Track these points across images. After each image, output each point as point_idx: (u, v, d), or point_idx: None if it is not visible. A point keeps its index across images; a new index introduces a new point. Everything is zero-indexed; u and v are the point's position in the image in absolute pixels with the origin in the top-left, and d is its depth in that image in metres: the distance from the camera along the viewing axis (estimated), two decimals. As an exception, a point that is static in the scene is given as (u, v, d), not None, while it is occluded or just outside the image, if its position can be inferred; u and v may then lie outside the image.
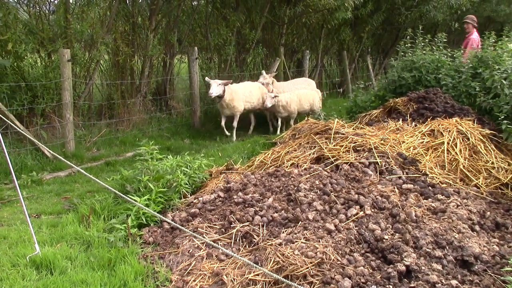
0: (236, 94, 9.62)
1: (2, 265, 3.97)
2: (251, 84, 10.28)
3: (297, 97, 10.21)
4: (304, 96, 10.35)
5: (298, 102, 10.16)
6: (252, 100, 9.97)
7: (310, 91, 10.66)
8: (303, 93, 10.43)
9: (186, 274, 3.85)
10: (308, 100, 10.38)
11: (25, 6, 9.37)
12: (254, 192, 4.89)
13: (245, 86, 10.02)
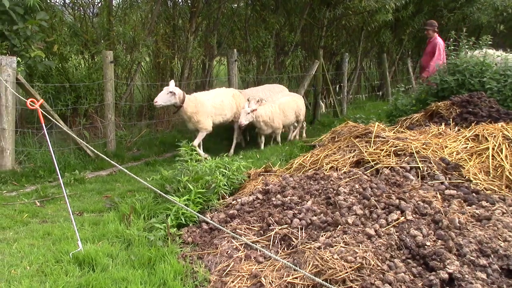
0: (201, 105, 8.01)
1: (47, 260, 4.08)
2: (224, 92, 8.74)
3: (280, 108, 8.78)
4: (287, 105, 8.97)
5: (282, 114, 8.76)
6: (224, 112, 8.43)
7: (293, 97, 9.40)
8: (285, 101, 9.01)
9: (225, 275, 3.86)
10: (292, 109, 9.05)
11: (70, 9, 9.65)
12: (293, 195, 4.86)
13: (215, 95, 8.42)
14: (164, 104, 7.64)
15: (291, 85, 13.53)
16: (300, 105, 9.35)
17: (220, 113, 8.33)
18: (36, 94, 7.24)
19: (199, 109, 7.90)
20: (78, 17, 9.68)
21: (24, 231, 4.91)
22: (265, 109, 8.36)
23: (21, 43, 7.22)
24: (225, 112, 8.40)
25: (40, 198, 6.12)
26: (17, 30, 7.08)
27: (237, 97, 8.78)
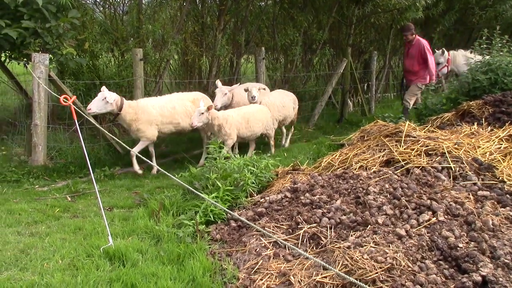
0: (143, 113, 7.12)
1: (78, 254, 4.14)
2: (181, 97, 7.74)
3: (243, 117, 7.54)
4: (253, 115, 7.74)
5: (244, 123, 7.52)
6: (177, 120, 7.49)
7: (262, 108, 8.07)
8: (254, 111, 7.83)
9: (253, 272, 3.86)
10: (260, 120, 7.84)
11: (101, 7, 9.78)
12: (322, 194, 4.84)
13: (167, 101, 7.48)
14: (99, 111, 6.87)
15: (318, 83, 13.48)
16: (268, 117, 8.11)
17: (171, 122, 7.38)
18: (67, 90, 7.36)
19: (139, 117, 7.03)
20: (109, 15, 9.81)
21: (56, 226, 5.00)
22: (226, 114, 7.31)
23: (54, 40, 7.34)
24: (177, 121, 7.44)
25: (71, 193, 6.22)
26: (50, 27, 7.20)
27: (199, 102, 7.53)
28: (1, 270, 3.94)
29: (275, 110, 8.34)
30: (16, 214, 5.35)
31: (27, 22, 6.94)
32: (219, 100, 7.87)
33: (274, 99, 8.52)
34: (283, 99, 8.77)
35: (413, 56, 10.13)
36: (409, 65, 10.30)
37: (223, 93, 7.98)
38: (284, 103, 8.70)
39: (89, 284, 3.60)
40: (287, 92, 9.29)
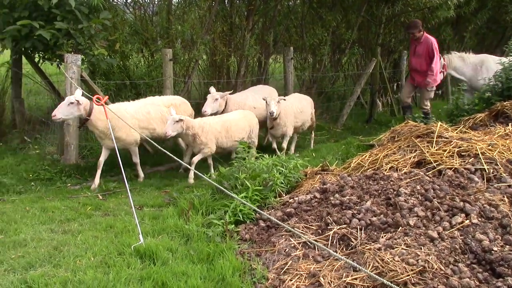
0: (116, 118, 6.33)
1: (110, 252, 4.20)
2: (153, 101, 7.18)
3: (223, 126, 6.97)
4: (235, 123, 7.14)
5: (224, 132, 6.95)
6: (152, 126, 6.97)
7: (244, 114, 7.50)
8: (237, 118, 7.23)
9: (283, 273, 3.85)
10: (242, 128, 7.20)
11: (131, 8, 9.91)
12: (352, 195, 4.79)
13: (141, 106, 6.94)
14: (66, 117, 6.33)
15: (347, 83, 13.38)
16: (254, 124, 7.51)
17: (146, 127, 6.87)
18: (99, 90, 7.47)
19: (112, 123, 6.23)
20: (139, 16, 9.93)
21: (88, 223, 5.09)
22: (202, 120, 6.80)
23: (85, 41, 7.47)
24: (152, 126, 6.94)
25: (102, 192, 6.32)
26: (82, 29, 7.33)
27: (177, 107, 7.18)
28: (36, 266, 4.02)
29: (291, 117, 8.04)
30: (50, 211, 5.46)
31: (60, 23, 7.08)
32: (209, 105, 7.48)
33: (291, 104, 8.16)
34: (300, 104, 8.47)
35: (420, 54, 9.71)
36: (416, 64, 9.87)
37: (214, 99, 7.54)
38: (302, 108, 8.43)
39: (120, 282, 3.64)
40: (304, 96, 9.00)
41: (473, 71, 10.51)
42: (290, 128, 8.03)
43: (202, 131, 6.65)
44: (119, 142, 6.49)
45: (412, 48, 9.92)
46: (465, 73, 10.55)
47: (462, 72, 10.56)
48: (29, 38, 7.18)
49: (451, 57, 10.64)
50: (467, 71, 10.55)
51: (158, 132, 6.99)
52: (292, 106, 8.14)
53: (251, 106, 8.04)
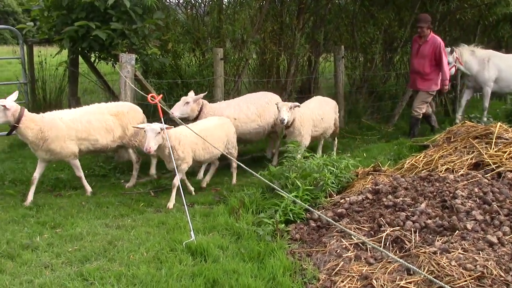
0: (51, 129, 5.79)
1: (162, 248, 4.27)
2: (96, 109, 6.34)
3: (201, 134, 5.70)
4: (211, 133, 6.11)
5: (201, 144, 5.95)
6: (94, 137, 6.12)
7: (223, 123, 6.57)
8: (212, 127, 6.26)
9: (334, 274, 3.80)
10: (219, 138, 6.30)
11: (183, 8, 10.05)
12: (405, 196, 4.68)
13: (81, 114, 6.14)
14: None
15: (398, 83, 13.08)
16: (231, 133, 6.61)
17: (86, 138, 6.06)
18: (152, 89, 7.61)
19: (47, 135, 5.75)
20: (190, 16, 10.05)
21: (141, 219, 5.19)
22: (177, 130, 5.77)
23: (139, 41, 7.63)
24: (95, 137, 6.12)
25: (154, 189, 6.43)
26: (136, 29, 7.49)
27: (125, 115, 6.39)
28: (91, 260, 4.14)
29: (308, 125, 7.12)
30: (104, 207, 5.61)
31: (115, 24, 7.25)
32: (178, 108, 6.73)
33: (310, 111, 7.30)
34: (321, 110, 7.56)
35: (425, 55, 8.95)
36: (418, 66, 9.08)
37: (184, 102, 6.78)
38: (323, 115, 7.52)
39: (172, 277, 3.70)
40: (327, 100, 8.07)
41: (480, 66, 10.21)
42: (306, 138, 7.09)
43: (179, 144, 5.69)
44: (53, 155, 5.92)
45: (415, 48, 9.24)
46: (472, 68, 10.22)
47: (470, 66, 10.22)
48: (86, 39, 7.39)
49: (462, 50, 10.24)
50: (475, 66, 10.23)
51: (101, 144, 6.21)
52: (311, 114, 7.30)
53: (230, 116, 6.99)
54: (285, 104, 6.57)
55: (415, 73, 9.21)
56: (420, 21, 8.95)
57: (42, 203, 5.78)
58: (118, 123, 6.31)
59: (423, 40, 8.95)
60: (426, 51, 8.91)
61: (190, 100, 6.78)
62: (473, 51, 10.37)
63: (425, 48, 8.92)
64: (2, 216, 5.33)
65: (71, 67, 8.60)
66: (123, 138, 6.40)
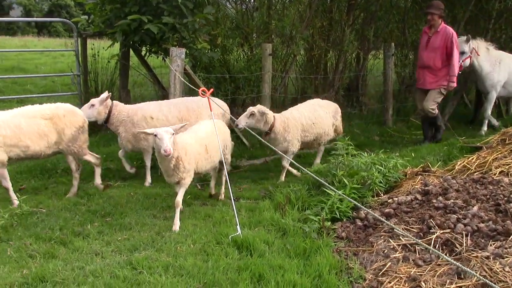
0: None
1: (208, 241, 4.32)
2: (28, 112, 5.58)
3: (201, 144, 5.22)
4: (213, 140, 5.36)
5: (204, 154, 5.24)
6: (25, 143, 5.42)
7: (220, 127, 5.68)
8: (210, 132, 5.41)
9: (381, 274, 3.75)
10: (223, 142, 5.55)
11: (233, 3, 10.10)
12: (456, 198, 4.57)
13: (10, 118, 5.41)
14: None
15: (450, 82, 12.72)
16: (227, 137, 5.90)
17: (16, 144, 5.36)
18: (200, 83, 7.69)
19: None
20: (240, 11, 10.09)
21: (187, 212, 5.26)
22: (181, 140, 4.93)
23: (190, 35, 7.71)
24: (24, 143, 5.41)
25: (200, 182, 6.50)
26: (187, 23, 7.57)
27: (61, 119, 5.70)
28: (140, 249, 4.24)
29: (295, 131, 6.48)
30: (152, 198, 5.72)
31: (167, 18, 7.36)
32: (84, 111, 6.14)
33: (299, 115, 6.66)
34: (313, 114, 6.79)
35: (435, 48, 8.08)
36: (428, 60, 8.21)
37: (90, 105, 6.22)
38: (315, 119, 6.76)
39: (219, 270, 3.73)
40: (324, 103, 7.22)
41: (492, 66, 9.35)
42: (294, 144, 6.49)
43: (185, 154, 4.92)
44: None
45: (424, 40, 8.32)
46: (484, 67, 9.28)
47: (482, 64, 9.26)
48: (138, 32, 7.53)
49: (480, 43, 9.32)
50: (487, 65, 9.31)
51: (33, 150, 5.51)
52: (301, 117, 6.62)
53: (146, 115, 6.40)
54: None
55: (424, 68, 8.36)
56: (431, 7, 8.04)
57: (93, 192, 5.95)
58: (52, 128, 5.63)
59: (434, 30, 8.12)
60: (437, 43, 8.08)
61: (96, 102, 6.22)
62: (487, 48, 9.47)
63: (436, 40, 8.08)
64: (55, 204, 5.53)
65: (122, 60, 8.78)
66: (60, 144, 5.73)
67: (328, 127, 6.98)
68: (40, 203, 5.55)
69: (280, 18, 9.62)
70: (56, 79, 12.74)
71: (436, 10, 7.90)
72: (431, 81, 8.24)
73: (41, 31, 41.49)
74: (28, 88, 12.13)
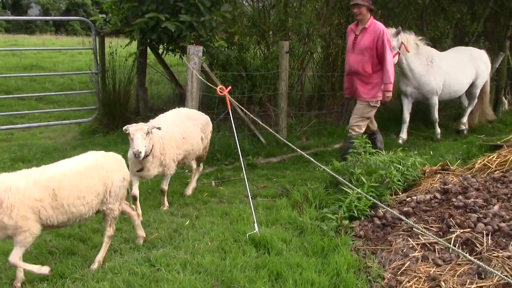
0: None
1: (226, 238, 4.33)
2: None
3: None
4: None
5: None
6: None
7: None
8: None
9: (400, 273, 3.71)
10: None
11: (250, 1, 10.09)
12: (477, 197, 4.51)
13: None
14: None
15: (469, 79, 12.57)
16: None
17: None
18: (217, 81, 7.69)
19: None
20: (257, 8, 10.08)
21: (204, 209, 5.28)
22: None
23: (207, 33, 7.72)
24: None
25: (217, 180, 6.51)
26: (204, 21, 7.58)
27: None
28: (158, 246, 4.26)
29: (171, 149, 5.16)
30: (169, 196, 5.73)
31: (184, 16, 7.38)
32: None
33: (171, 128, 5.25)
34: (182, 126, 5.46)
35: (363, 49, 6.46)
36: (356, 64, 6.56)
37: None
38: (185, 132, 5.42)
39: (236, 268, 3.74)
40: (193, 113, 5.89)
41: (424, 68, 8.15)
42: (171, 167, 5.21)
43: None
44: None
45: (350, 40, 6.70)
46: (414, 67, 8.12)
47: (411, 63, 8.07)
48: (155, 30, 7.57)
49: (409, 37, 7.93)
50: (417, 65, 8.12)
51: None
52: (172, 132, 5.25)
53: None
54: (140, 129, 4.48)
55: (352, 75, 6.72)
56: None
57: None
58: None
59: (361, 27, 6.52)
60: (365, 43, 6.44)
61: None
62: (417, 44, 8.12)
63: (364, 39, 6.46)
64: (74, 200, 5.56)
65: (140, 58, 8.83)
66: None
67: (197, 143, 5.64)
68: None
69: (297, 15, 9.59)
70: (74, 77, 12.85)
71: (364, 1, 6.33)
72: (361, 89, 6.64)
73: (58, 30, 41.91)
74: (47, 86, 12.26)
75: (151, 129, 4.58)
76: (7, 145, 8.20)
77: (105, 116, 8.86)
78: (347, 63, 6.81)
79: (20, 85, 11.89)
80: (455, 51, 9.22)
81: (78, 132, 9.00)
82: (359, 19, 6.52)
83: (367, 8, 6.39)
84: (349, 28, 6.86)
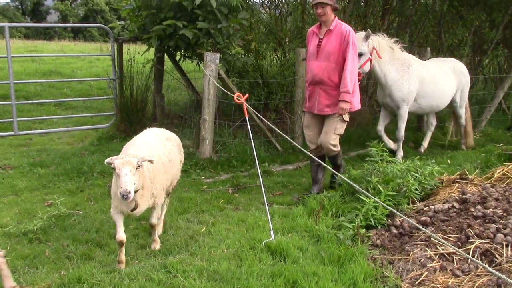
0: None
1: (242, 246, 4.32)
2: None
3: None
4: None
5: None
6: None
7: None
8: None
9: (417, 284, 3.68)
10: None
11: (267, 8, 10.12)
12: (496, 207, 4.45)
13: None
14: None
15: (487, 87, 12.47)
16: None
17: None
18: (234, 88, 7.72)
19: None
20: (273, 16, 10.11)
21: (220, 216, 5.28)
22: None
23: (224, 40, 7.75)
24: None
25: (233, 186, 6.51)
26: (221, 28, 7.62)
27: None
28: (174, 253, 4.27)
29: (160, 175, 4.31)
30: (186, 202, 5.75)
31: (201, 23, 7.42)
32: None
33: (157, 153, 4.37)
34: (167, 148, 4.66)
35: (329, 54, 5.68)
36: (321, 72, 5.74)
37: None
38: (170, 155, 4.62)
39: (252, 276, 3.73)
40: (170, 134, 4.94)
41: (399, 73, 7.34)
42: (161, 195, 4.36)
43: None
44: None
45: (313, 45, 5.86)
46: (388, 74, 7.30)
47: (385, 70, 7.27)
48: (173, 37, 7.62)
49: (381, 41, 7.13)
50: (392, 71, 7.30)
51: None
52: (159, 155, 4.39)
53: None
54: (127, 163, 3.67)
55: (316, 85, 5.87)
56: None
57: (128, 195, 6.02)
58: None
59: (325, 29, 5.74)
60: (331, 47, 5.67)
61: None
62: (392, 48, 7.33)
63: (330, 43, 5.68)
64: (91, 206, 5.62)
65: (157, 65, 8.90)
66: None
67: (178, 167, 4.93)
68: (77, 205, 5.64)
69: (314, 22, 9.57)
70: (92, 83, 12.99)
71: (328, 0, 5.54)
72: (328, 103, 5.79)
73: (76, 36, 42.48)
74: (65, 92, 12.41)
75: (141, 163, 3.74)
76: (26, 150, 8.32)
77: (123, 122, 8.93)
78: (309, 72, 5.93)
79: (39, 91, 12.06)
80: (437, 61, 8.45)
81: (95, 137, 9.08)
82: (323, 21, 5.72)
83: (331, 8, 5.62)
84: (310, 31, 6.01)
